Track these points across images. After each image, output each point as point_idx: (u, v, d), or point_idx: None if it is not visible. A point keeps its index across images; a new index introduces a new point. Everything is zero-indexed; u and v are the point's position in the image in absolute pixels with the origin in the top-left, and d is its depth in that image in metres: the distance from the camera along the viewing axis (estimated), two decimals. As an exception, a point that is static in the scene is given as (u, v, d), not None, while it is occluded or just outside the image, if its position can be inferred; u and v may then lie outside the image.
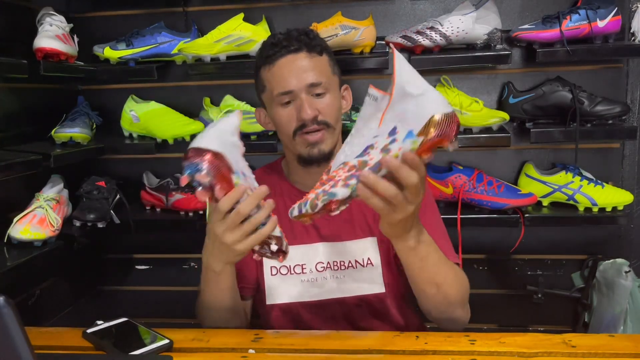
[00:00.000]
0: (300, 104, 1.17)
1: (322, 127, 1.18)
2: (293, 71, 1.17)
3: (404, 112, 0.85)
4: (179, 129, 1.73)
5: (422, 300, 1.11)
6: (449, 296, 1.08)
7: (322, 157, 1.19)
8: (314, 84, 1.17)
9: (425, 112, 0.83)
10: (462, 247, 1.65)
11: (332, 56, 1.25)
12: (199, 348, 1.04)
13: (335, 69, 1.24)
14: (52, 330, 1.17)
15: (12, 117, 1.65)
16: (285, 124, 1.20)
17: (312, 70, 1.18)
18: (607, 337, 1.05)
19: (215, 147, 0.91)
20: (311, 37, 1.21)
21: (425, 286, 1.07)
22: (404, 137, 0.84)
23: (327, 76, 1.20)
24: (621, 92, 1.74)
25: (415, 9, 1.80)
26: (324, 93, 1.19)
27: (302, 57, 1.18)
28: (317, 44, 1.20)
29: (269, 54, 1.20)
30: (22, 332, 0.64)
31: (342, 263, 1.22)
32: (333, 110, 1.20)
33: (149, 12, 1.85)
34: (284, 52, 1.18)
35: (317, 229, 1.24)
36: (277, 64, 1.19)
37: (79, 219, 1.64)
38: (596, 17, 1.58)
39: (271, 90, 1.21)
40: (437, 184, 1.73)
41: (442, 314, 1.12)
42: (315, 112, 1.17)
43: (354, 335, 1.08)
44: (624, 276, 1.68)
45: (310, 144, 1.18)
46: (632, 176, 1.78)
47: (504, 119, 1.66)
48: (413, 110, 0.84)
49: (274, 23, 1.77)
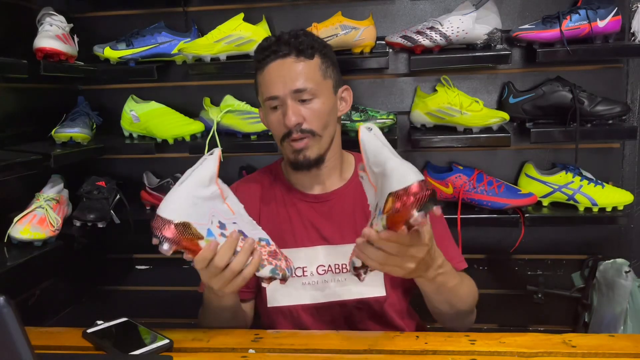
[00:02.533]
0: (285, 110, 1.17)
1: (306, 135, 1.18)
2: (280, 77, 1.17)
3: (379, 188, 0.89)
4: (179, 129, 1.73)
5: (435, 313, 1.18)
6: (461, 311, 1.15)
7: (309, 163, 1.20)
8: (299, 90, 1.16)
9: (385, 189, 0.84)
10: (462, 247, 1.65)
11: (326, 57, 1.22)
12: (199, 348, 1.05)
13: (329, 72, 1.22)
14: (52, 330, 1.17)
15: (12, 117, 1.65)
16: (274, 129, 1.22)
17: (299, 76, 1.17)
18: (607, 337, 1.05)
19: (180, 218, 0.92)
20: (300, 40, 1.19)
21: (440, 305, 1.13)
22: (378, 213, 0.87)
23: (315, 81, 1.18)
24: (621, 92, 1.74)
25: (415, 9, 1.80)
26: (311, 99, 1.18)
27: (290, 62, 1.17)
28: (307, 47, 1.18)
29: (260, 59, 1.21)
30: (22, 332, 0.64)
31: (343, 266, 1.21)
32: (320, 117, 1.18)
33: (149, 12, 1.85)
34: (273, 57, 1.18)
35: (319, 232, 1.24)
36: (267, 69, 1.19)
37: (79, 219, 1.64)
38: (596, 17, 1.58)
39: (262, 94, 1.22)
40: (437, 184, 1.74)
41: (452, 322, 1.20)
42: (300, 119, 1.17)
43: (354, 335, 1.08)
44: (624, 276, 1.68)
45: (295, 150, 1.19)
46: (632, 176, 1.78)
47: (504, 119, 1.66)
48: (381, 188, 0.87)
49: (274, 23, 1.77)
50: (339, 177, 1.28)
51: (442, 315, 1.17)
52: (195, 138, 1.75)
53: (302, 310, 1.22)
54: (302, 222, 1.24)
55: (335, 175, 1.27)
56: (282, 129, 1.19)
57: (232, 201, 1.02)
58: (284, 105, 1.18)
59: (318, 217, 1.24)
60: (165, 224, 0.92)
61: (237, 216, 1.01)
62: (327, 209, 1.25)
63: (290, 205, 1.26)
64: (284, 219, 1.25)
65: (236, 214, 1.01)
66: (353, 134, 1.68)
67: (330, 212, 1.24)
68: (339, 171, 1.28)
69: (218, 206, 0.98)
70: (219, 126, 1.72)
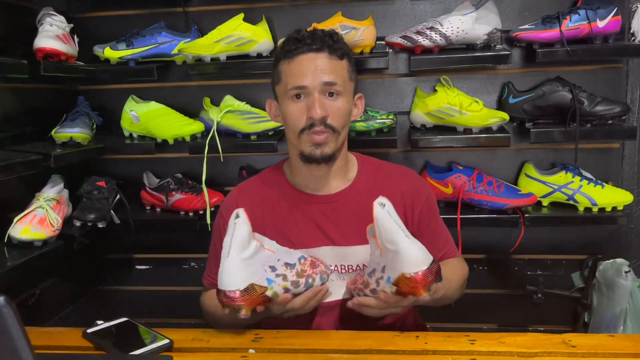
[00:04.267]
0: (312, 102, 1.17)
1: (327, 130, 1.19)
2: (311, 68, 1.18)
3: (389, 259, 1.00)
4: (179, 129, 1.73)
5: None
6: (452, 299, 1.26)
7: (324, 159, 1.21)
8: (329, 83, 1.18)
9: (397, 267, 0.97)
10: (462, 247, 1.65)
11: (352, 63, 1.25)
12: (199, 348, 1.05)
13: (353, 76, 1.25)
14: (52, 330, 1.18)
15: (12, 117, 1.65)
16: (294, 120, 1.21)
17: (330, 71, 1.18)
18: (607, 337, 1.06)
19: (242, 284, 1.02)
20: (335, 39, 1.21)
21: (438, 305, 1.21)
22: (386, 279, 1.01)
23: (343, 80, 1.20)
24: (621, 92, 1.74)
25: (415, 9, 1.80)
26: (337, 95, 1.19)
27: (323, 57, 1.19)
28: (340, 48, 1.21)
29: (291, 49, 1.21)
30: (22, 332, 0.64)
31: (349, 267, 1.23)
32: (342, 115, 1.20)
33: (149, 12, 1.85)
34: (305, 49, 1.19)
35: (324, 233, 1.24)
36: (297, 59, 1.19)
37: (79, 219, 1.64)
38: (596, 17, 1.58)
39: (286, 83, 1.21)
40: (437, 184, 1.74)
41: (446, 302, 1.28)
42: (325, 113, 1.17)
43: (354, 335, 1.08)
44: (624, 276, 1.68)
45: (315, 143, 1.19)
46: (632, 176, 1.78)
47: (503, 119, 1.66)
48: (391, 261, 0.99)
49: (274, 23, 1.77)
50: (344, 178, 1.29)
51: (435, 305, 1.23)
52: (195, 138, 1.75)
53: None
54: (308, 223, 1.25)
55: (340, 176, 1.28)
56: (304, 120, 1.19)
57: (268, 244, 1.11)
58: (309, 97, 1.18)
59: (323, 218, 1.25)
60: (232, 295, 1.01)
61: (277, 253, 1.10)
62: (332, 210, 1.25)
63: (295, 206, 1.27)
64: (290, 220, 1.26)
65: (275, 252, 1.10)
66: (353, 134, 1.69)
67: (336, 213, 1.25)
68: (344, 172, 1.29)
69: (263, 255, 1.07)
70: (219, 126, 1.72)
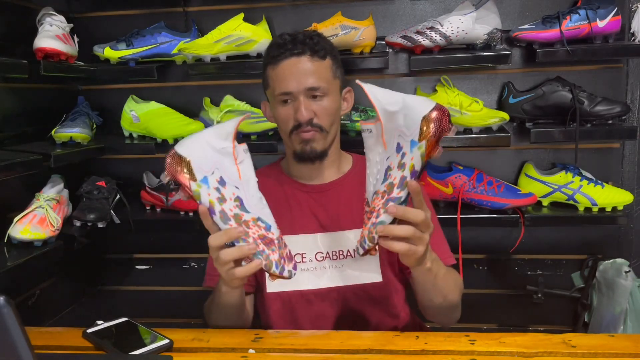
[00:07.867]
0: (298, 105, 1.22)
1: (315, 129, 1.24)
2: (294, 74, 1.23)
3: (398, 128, 0.93)
4: (179, 129, 1.73)
5: (428, 308, 1.21)
6: (452, 302, 1.18)
7: (315, 155, 1.26)
8: (312, 88, 1.22)
9: (415, 118, 0.90)
10: (462, 247, 1.65)
11: (336, 59, 1.29)
12: (199, 348, 1.05)
13: (338, 73, 1.29)
14: (52, 330, 1.18)
15: (12, 117, 1.65)
16: (283, 122, 1.27)
17: (313, 75, 1.23)
18: (607, 337, 1.06)
19: (184, 152, 0.95)
20: (315, 41, 1.25)
21: (434, 297, 1.15)
22: (410, 148, 0.91)
23: (326, 80, 1.25)
24: (621, 92, 1.74)
25: (415, 9, 1.80)
26: (322, 96, 1.24)
27: (305, 61, 1.23)
28: (321, 49, 1.25)
29: (275, 54, 1.25)
30: (22, 332, 0.64)
31: (340, 252, 1.25)
32: (329, 114, 1.25)
33: (149, 12, 1.85)
34: (287, 55, 1.24)
35: (317, 219, 1.28)
36: (281, 65, 1.24)
37: (79, 219, 1.64)
38: (596, 17, 1.58)
39: (273, 89, 1.27)
40: (437, 184, 1.73)
41: (444, 317, 1.24)
42: (311, 115, 1.23)
43: (354, 335, 1.08)
44: (624, 276, 1.68)
45: (303, 140, 1.24)
46: (632, 176, 1.78)
47: (504, 119, 1.66)
48: (403, 122, 0.92)
49: (274, 23, 1.77)
50: (337, 171, 1.33)
51: (434, 308, 1.19)
52: (195, 138, 1.75)
53: (300, 296, 1.25)
54: (301, 210, 1.29)
55: (334, 169, 1.33)
56: (292, 122, 1.24)
57: (245, 169, 0.99)
58: (295, 101, 1.23)
59: (316, 206, 1.29)
60: (170, 152, 0.95)
61: (244, 184, 0.98)
62: (325, 199, 1.30)
63: (289, 195, 1.31)
64: (284, 207, 1.29)
65: (243, 181, 0.98)
66: (353, 134, 1.69)
67: (328, 201, 1.29)
68: (337, 165, 1.33)
69: (226, 164, 0.97)
70: (219, 126, 1.72)
